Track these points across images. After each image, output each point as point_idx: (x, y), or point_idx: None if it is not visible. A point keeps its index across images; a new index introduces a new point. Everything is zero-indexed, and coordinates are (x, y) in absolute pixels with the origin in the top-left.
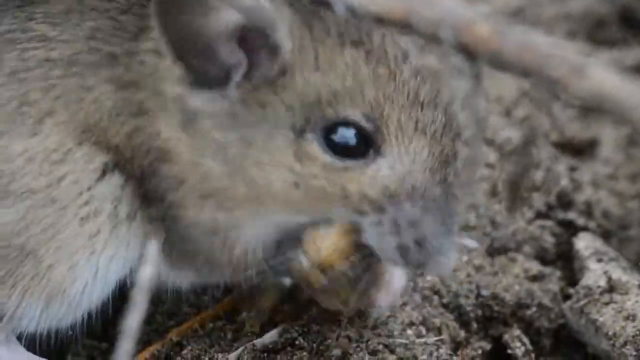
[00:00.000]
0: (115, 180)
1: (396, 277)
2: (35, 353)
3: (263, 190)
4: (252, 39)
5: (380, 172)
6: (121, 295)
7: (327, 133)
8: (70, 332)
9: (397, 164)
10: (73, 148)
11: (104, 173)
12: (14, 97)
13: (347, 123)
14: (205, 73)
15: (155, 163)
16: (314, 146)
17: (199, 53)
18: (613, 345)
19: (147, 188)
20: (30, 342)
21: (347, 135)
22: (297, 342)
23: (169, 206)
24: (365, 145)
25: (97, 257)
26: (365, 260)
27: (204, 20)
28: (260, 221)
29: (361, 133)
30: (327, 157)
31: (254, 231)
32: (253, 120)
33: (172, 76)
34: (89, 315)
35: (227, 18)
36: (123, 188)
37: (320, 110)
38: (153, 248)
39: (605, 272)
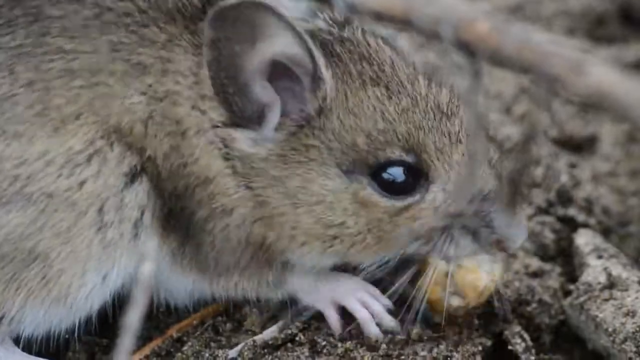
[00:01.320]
0: (144, 186)
1: None
2: (32, 353)
3: (339, 229)
4: (289, 74)
5: (437, 201)
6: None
7: (376, 175)
8: (67, 336)
9: (449, 185)
10: (104, 148)
11: (132, 178)
12: (35, 102)
13: (390, 163)
14: (242, 112)
15: (192, 186)
16: (369, 191)
17: (236, 92)
18: (613, 341)
19: (176, 204)
20: (27, 342)
21: (395, 173)
22: (297, 339)
23: (200, 221)
24: (415, 177)
25: (112, 263)
26: None
27: (245, 54)
28: (331, 254)
29: (406, 167)
30: (385, 200)
31: (323, 259)
32: (303, 160)
33: (213, 103)
34: (88, 317)
35: (261, 53)
36: (149, 196)
37: (359, 154)
38: (153, 246)
39: (605, 269)
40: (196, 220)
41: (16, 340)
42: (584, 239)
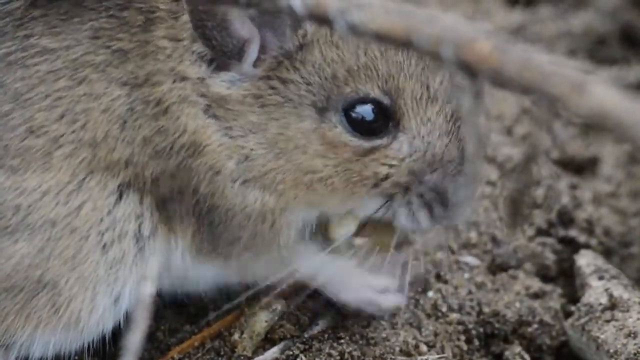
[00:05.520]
0: (132, 197)
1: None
2: None
3: (311, 175)
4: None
5: (402, 151)
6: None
7: (348, 112)
8: (77, 358)
9: (417, 139)
10: (86, 177)
11: (120, 194)
12: (20, 124)
13: (365, 100)
14: (222, 47)
15: (186, 160)
16: (339, 129)
17: (215, 27)
18: None
19: (172, 187)
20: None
21: (365, 111)
22: None
23: (203, 198)
24: (384, 120)
25: (122, 283)
26: None
27: None
28: (307, 205)
29: (379, 108)
30: (354, 140)
31: (301, 214)
32: (279, 100)
33: (192, 57)
34: (99, 338)
35: None
36: (142, 202)
37: (337, 88)
38: (153, 265)
39: (607, 290)
40: (201, 198)
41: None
42: (585, 260)
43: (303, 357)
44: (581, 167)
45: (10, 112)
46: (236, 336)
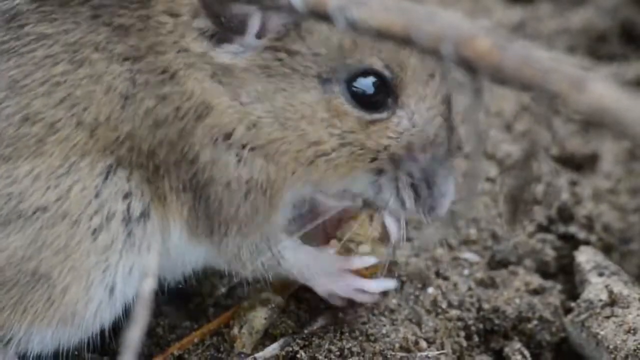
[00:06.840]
0: (119, 174)
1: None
2: None
3: (315, 148)
4: None
5: (401, 125)
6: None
7: (350, 84)
8: (76, 353)
9: (416, 115)
10: (77, 160)
11: (107, 174)
12: (16, 112)
13: (367, 72)
14: (227, 22)
15: (190, 124)
16: (341, 100)
17: (221, 2)
18: (614, 359)
19: (168, 158)
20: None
21: (365, 84)
22: (298, 356)
23: (202, 168)
24: (384, 95)
25: (114, 271)
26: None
27: None
28: (307, 181)
29: (381, 81)
30: (355, 111)
31: (297, 192)
32: (286, 71)
33: (193, 33)
34: (100, 332)
35: None
36: (129, 180)
37: (341, 59)
38: (153, 260)
39: (607, 286)
40: (199, 169)
41: (23, 357)
42: (584, 256)
43: (303, 354)
44: (581, 164)
45: (3, 100)
46: (235, 332)
